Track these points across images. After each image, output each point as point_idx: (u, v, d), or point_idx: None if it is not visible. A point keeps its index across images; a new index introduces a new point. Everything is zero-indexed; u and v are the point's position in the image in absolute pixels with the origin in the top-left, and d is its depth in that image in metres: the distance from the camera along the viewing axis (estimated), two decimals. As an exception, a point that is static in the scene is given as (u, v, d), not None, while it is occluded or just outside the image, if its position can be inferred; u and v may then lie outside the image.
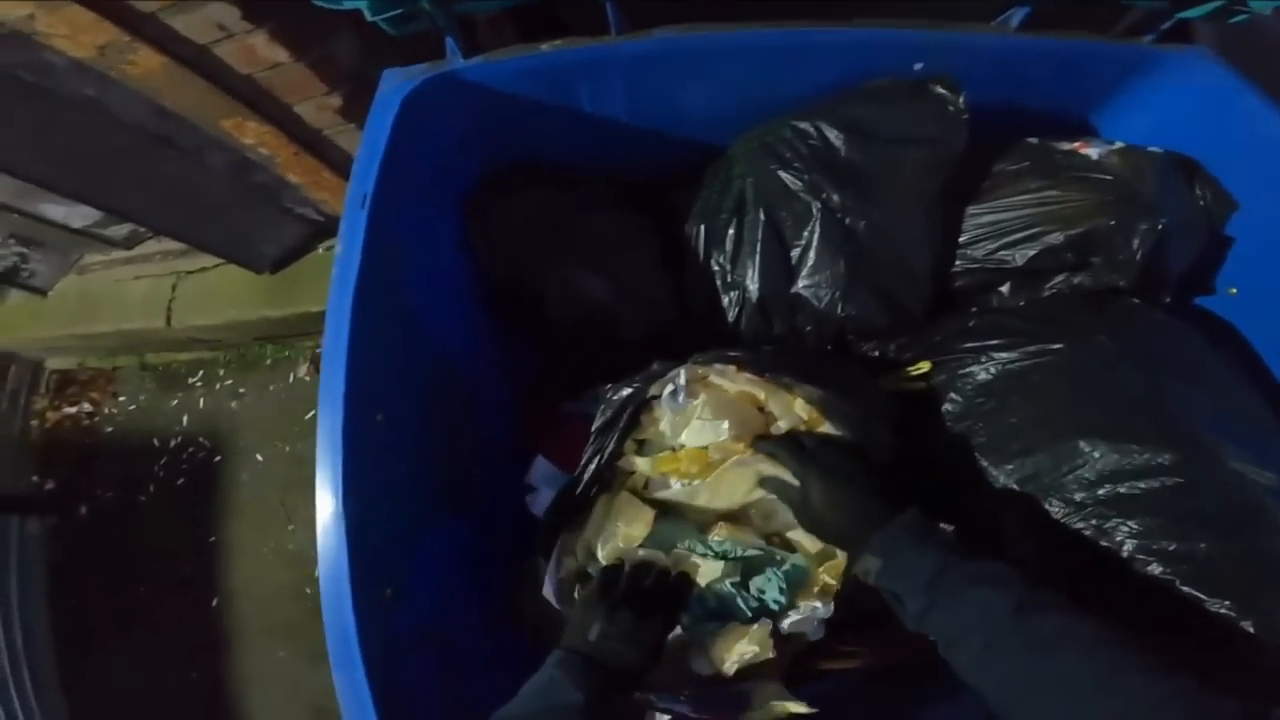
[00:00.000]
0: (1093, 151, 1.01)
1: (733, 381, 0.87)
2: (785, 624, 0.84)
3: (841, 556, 0.82)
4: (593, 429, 0.90)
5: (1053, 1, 0.92)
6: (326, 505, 0.79)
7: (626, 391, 0.89)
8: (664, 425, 0.88)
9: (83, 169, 1.80)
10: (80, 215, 2.24)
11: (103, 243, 2.41)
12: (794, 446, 0.81)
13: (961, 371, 0.99)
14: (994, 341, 0.98)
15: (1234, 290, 1.12)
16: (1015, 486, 0.90)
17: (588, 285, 1.11)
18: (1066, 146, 1.03)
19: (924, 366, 1.03)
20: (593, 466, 0.88)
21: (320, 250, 2.14)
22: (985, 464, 0.93)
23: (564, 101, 1.03)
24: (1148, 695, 0.54)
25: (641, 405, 0.89)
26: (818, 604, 0.84)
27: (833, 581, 0.85)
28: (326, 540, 0.79)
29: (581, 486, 0.89)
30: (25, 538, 2.63)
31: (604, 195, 1.16)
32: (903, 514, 0.73)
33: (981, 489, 0.93)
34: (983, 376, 0.97)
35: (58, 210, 2.21)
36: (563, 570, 0.92)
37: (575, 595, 0.91)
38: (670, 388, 0.87)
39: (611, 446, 0.87)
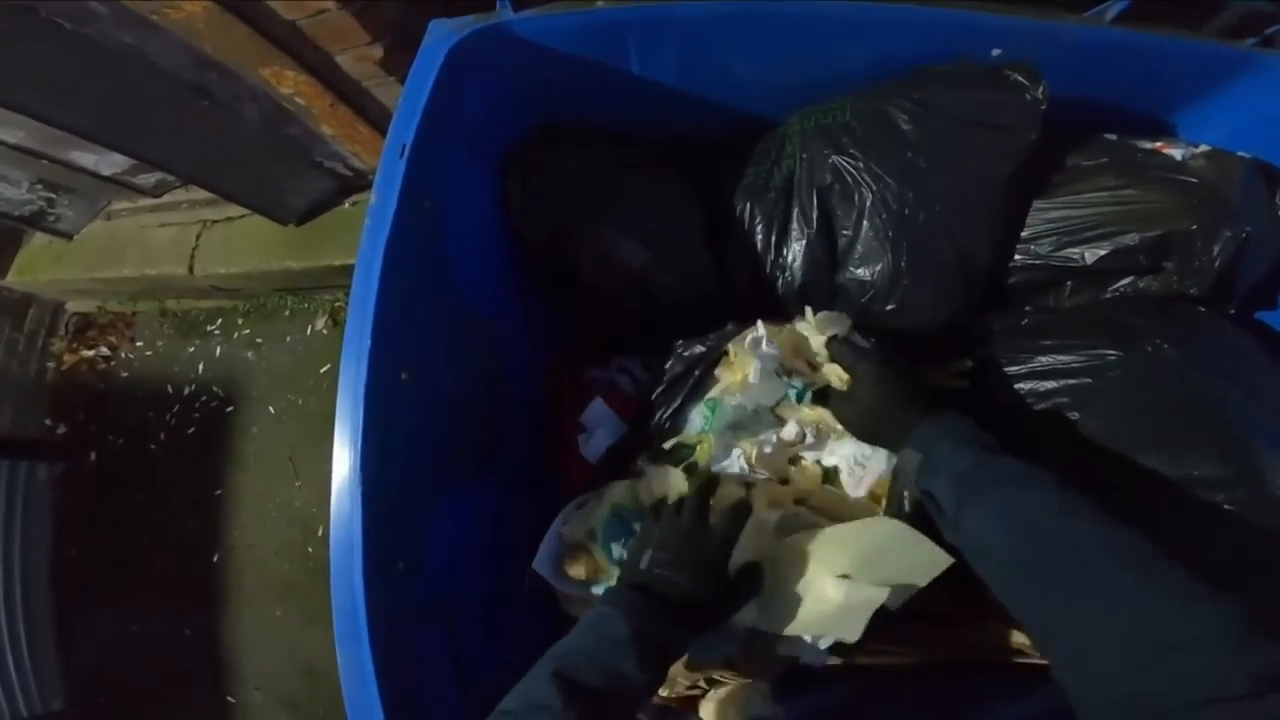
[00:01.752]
0: (1176, 152, 0.94)
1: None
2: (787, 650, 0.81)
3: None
4: (663, 382, 0.95)
5: (1156, -1, 0.85)
6: (343, 469, 0.75)
7: (699, 349, 0.93)
8: (751, 375, 0.87)
9: (117, 118, 1.78)
10: (110, 163, 2.22)
11: (131, 190, 2.40)
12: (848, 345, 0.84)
13: (1010, 370, 0.92)
14: (1048, 342, 0.92)
15: (1302, 306, 1.05)
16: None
17: (627, 252, 1.06)
18: (1148, 145, 0.96)
19: (963, 365, 0.98)
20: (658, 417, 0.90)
21: (347, 205, 2.11)
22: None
23: (614, 61, 0.98)
24: (1188, 602, 0.49)
25: (714, 362, 0.91)
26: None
27: None
28: (340, 508, 0.75)
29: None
30: (33, 484, 2.62)
31: (650, 160, 1.10)
32: (944, 413, 0.73)
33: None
34: (1033, 379, 0.91)
35: (88, 158, 2.19)
36: (561, 542, 0.90)
37: (569, 570, 0.88)
38: (751, 337, 0.89)
39: (678, 403, 0.91)
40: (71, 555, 2.60)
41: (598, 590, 0.88)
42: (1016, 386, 0.91)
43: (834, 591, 0.73)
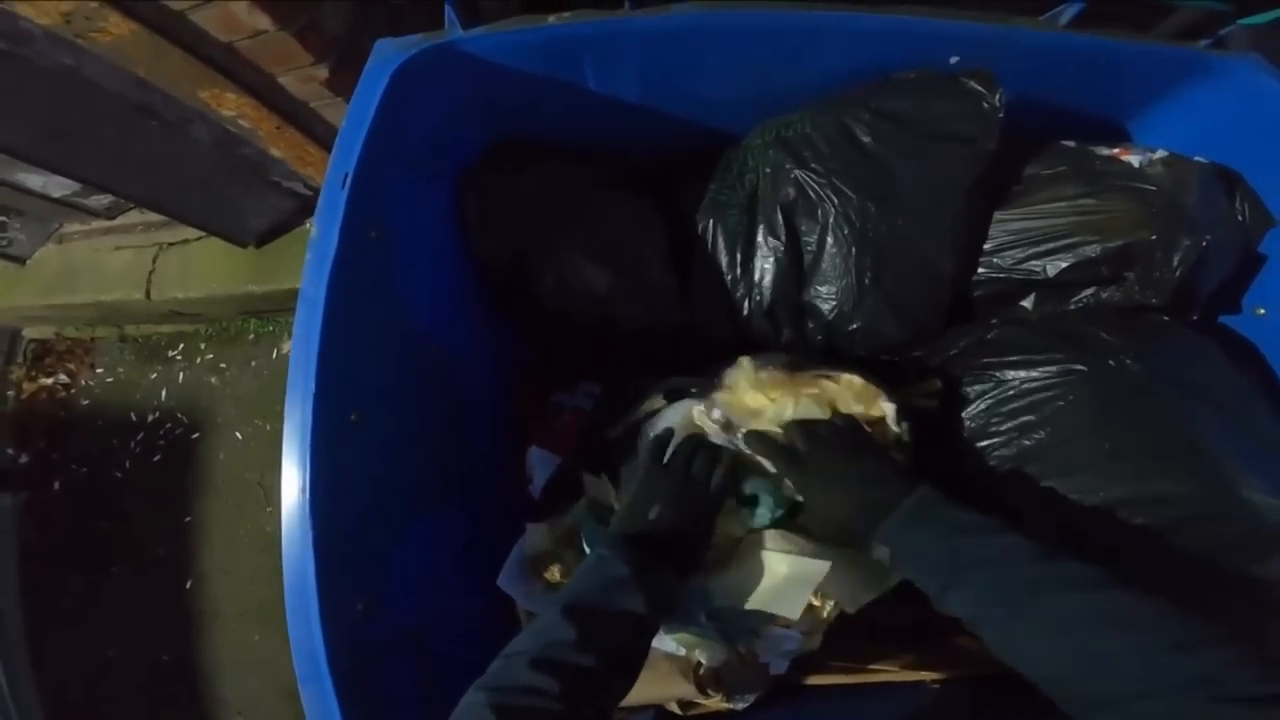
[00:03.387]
0: (1134, 159, 0.92)
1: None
2: (746, 647, 0.81)
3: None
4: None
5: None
6: (291, 516, 0.71)
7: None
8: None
9: (59, 140, 1.68)
10: (59, 184, 2.12)
11: (83, 212, 2.29)
12: (785, 450, 0.78)
13: (977, 388, 0.91)
14: (1014, 358, 0.90)
15: (1262, 311, 1.04)
16: (1032, 513, 0.83)
17: (589, 274, 1.02)
18: (1105, 152, 0.94)
19: (932, 385, 0.95)
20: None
21: (308, 225, 2.02)
22: (999, 490, 0.86)
23: (570, 79, 0.93)
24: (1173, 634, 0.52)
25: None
26: (792, 631, 0.79)
27: (823, 613, 0.80)
28: (291, 554, 0.71)
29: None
30: (-1, 514, 2.52)
31: (610, 179, 1.06)
32: (906, 499, 0.69)
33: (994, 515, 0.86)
34: (1000, 396, 0.89)
35: (36, 179, 2.09)
36: (525, 557, 0.89)
37: (544, 575, 0.88)
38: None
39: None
40: (41, 585, 2.49)
41: None
42: (984, 405, 0.90)
43: (779, 565, 0.76)
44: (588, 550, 0.85)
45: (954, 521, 0.67)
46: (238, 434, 2.34)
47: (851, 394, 0.82)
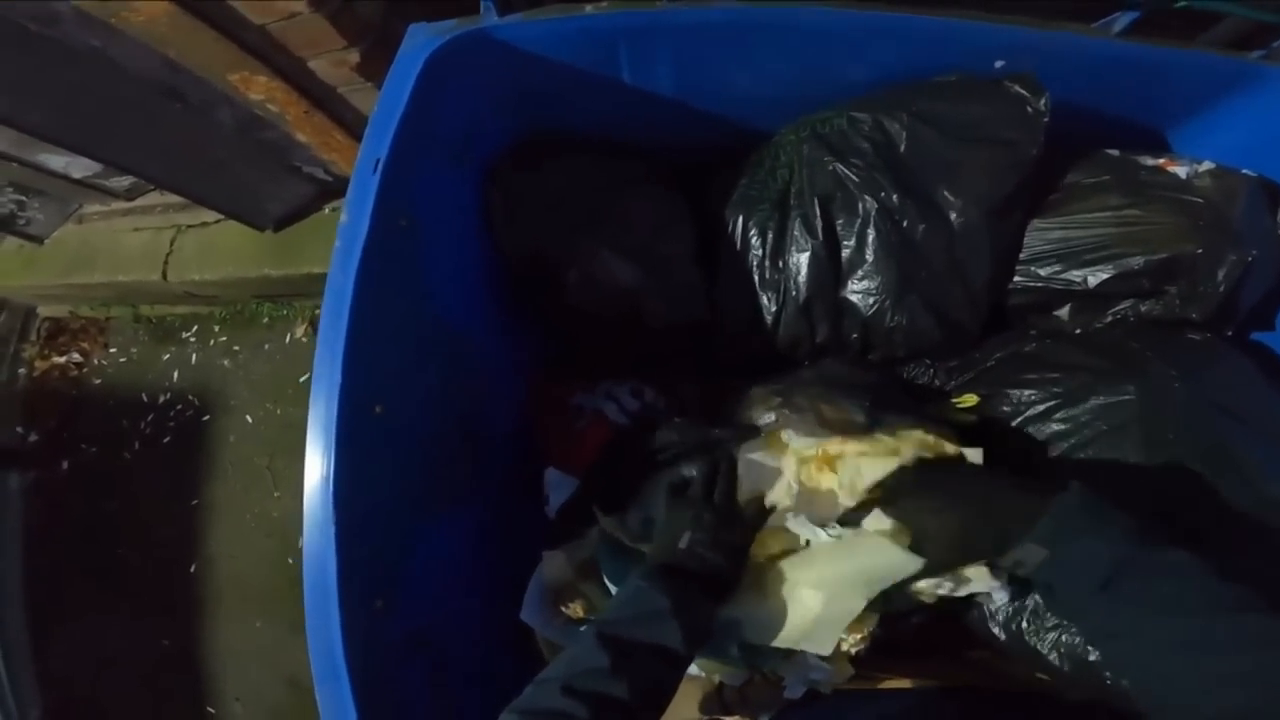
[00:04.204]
0: (1181, 170, 0.90)
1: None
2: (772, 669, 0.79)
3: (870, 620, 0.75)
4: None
5: (1168, 9, 0.81)
6: (315, 509, 0.69)
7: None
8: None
9: (84, 121, 1.69)
10: (81, 166, 2.13)
11: (103, 193, 2.30)
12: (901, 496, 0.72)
13: (1015, 403, 0.88)
14: (1054, 374, 0.87)
15: (1301, 327, 1.01)
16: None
17: (615, 269, 1.00)
18: (1151, 162, 0.92)
19: (970, 400, 0.93)
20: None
21: (327, 211, 2.02)
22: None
23: (603, 70, 0.91)
24: None
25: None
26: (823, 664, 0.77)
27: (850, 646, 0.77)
28: (313, 551, 0.69)
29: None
30: (5, 493, 2.52)
31: (640, 173, 1.04)
32: (1067, 493, 0.62)
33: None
34: (1039, 411, 0.86)
35: (58, 160, 2.10)
36: (545, 586, 0.86)
37: (565, 610, 0.84)
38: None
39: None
40: (45, 565, 2.48)
41: None
42: (1023, 421, 0.87)
43: (812, 602, 0.72)
44: (609, 583, 0.83)
45: (1126, 524, 0.60)
46: (248, 417, 2.32)
47: (921, 447, 0.77)
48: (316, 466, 0.70)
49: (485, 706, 0.64)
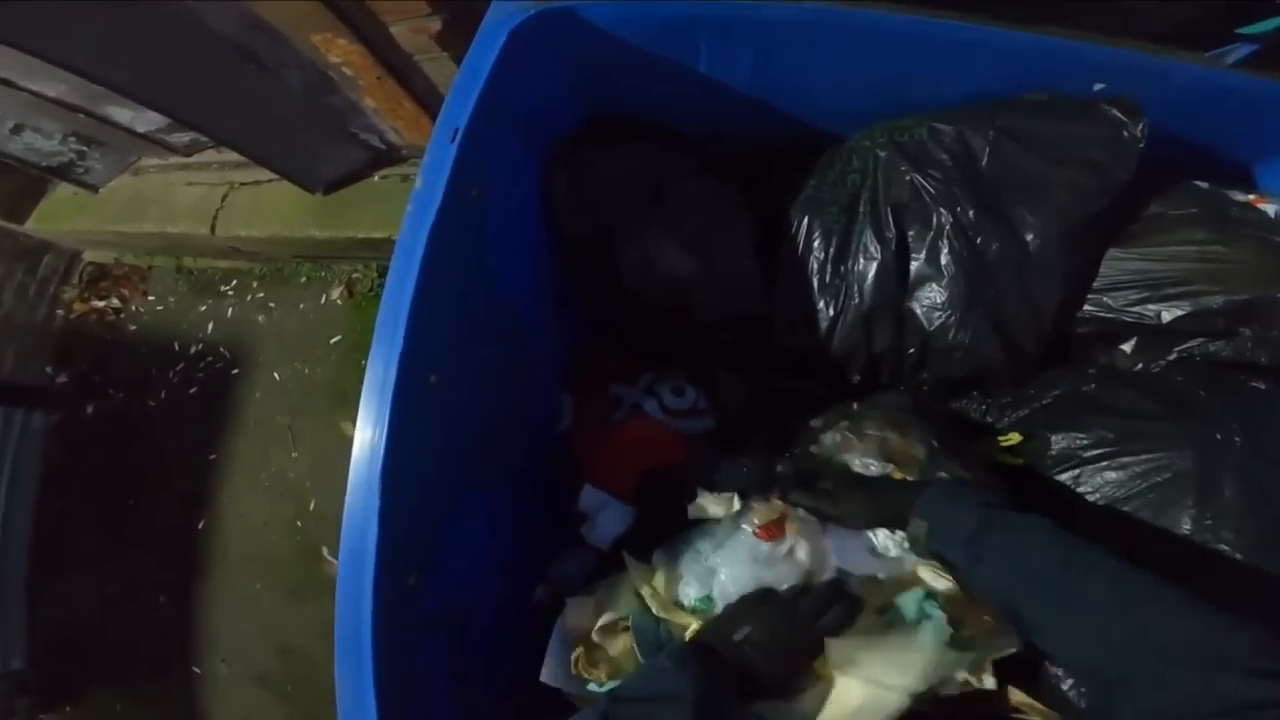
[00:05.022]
0: (1270, 208, 0.87)
1: None
2: None
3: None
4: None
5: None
6: (362, 477, 0.67)
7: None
8: None
9: (161, 78, 1.69)
10: (146, 120, 2.14)
11: (163, 148, 2.31)
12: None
13: (1068, 445, 0.86)
14: (1112, 420, 0.84)
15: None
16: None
17: (672, 257, 0.98)
18: (1240, 198, 0.89)
19: (1014, 438, 0.91)
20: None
21: (376, 178, 2.02)
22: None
23: (683, 57, 0.90)
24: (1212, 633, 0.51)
25: None
26: None
27: None
28: (354, 519, 0.67)
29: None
30: (27, 432, 2.52)
31: (703, 163, 1.02)
32: (938, 482, 0.73)
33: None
34: (1092, 455, 0.84)
35: (124, 114, 2.11)
36: (567, 642, 0.82)
37: (588, 675, 0.79)
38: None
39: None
40: (56, 508, 2.50)
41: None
42: (1074, 464, 0.84)
43: (854, 694, 0.68)
44: (638, 652, 0.78)
45: (986, 499, 0.70)
46: (276, 374, 2.31)
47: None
48: (368, 432, 0.67)
49: (498, 684, 0.62)
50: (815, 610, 0.71)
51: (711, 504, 0.82)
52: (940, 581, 0.74)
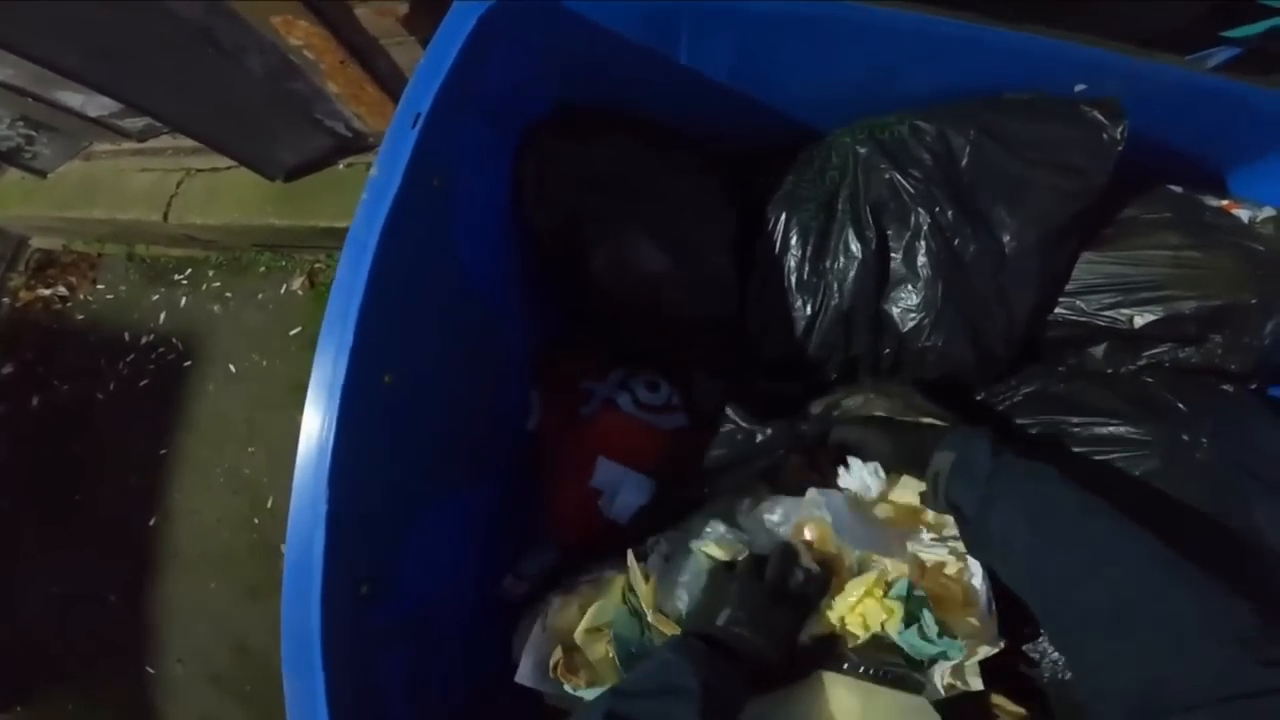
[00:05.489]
0: (1244, 214, 0.86)
1: None
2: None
3: None
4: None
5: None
6: (307, 483, 0.62)
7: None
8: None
9: (112, 61, 1.62)
10: (97, 104, 2.05)
11: (116, 133, 2.22)
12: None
13: (1037, 445, 0.85)
14: (1079, 419, 0.84)
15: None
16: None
17: (644, 253, 0.95)
18: (1214, 203, 0.88)
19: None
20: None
21: (341, 166, 1.94)
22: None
23: (661, 47, 0.86)
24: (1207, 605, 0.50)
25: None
26: None
27: None
28: (299, 529, 0.62)
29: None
30: (-32, 426, 2.40)
31: (680, 158, 0.99)
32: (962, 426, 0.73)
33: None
34: (1059, 458, 0.81)
35: (75, 98, 2.03)
36: (546, 642, 0.79)
37: (565, 680, 0.77)
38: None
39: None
40: (1, 504, 2.38)
41: (593, 694, 0.76)
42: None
43: (853, 697, 0.67)
44: (617, 661, 0.76)
45: (1012, 448, 0.68)
46: (231, 366, 2.22)
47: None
48: (313, 435, 0.62)
49: (467, 693, 0.59)
50: (782, 573, 0.71)
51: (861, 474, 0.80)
52: (930, 551, 0.73)
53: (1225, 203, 0.88)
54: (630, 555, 0.79)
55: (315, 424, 0.64)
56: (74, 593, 2.21)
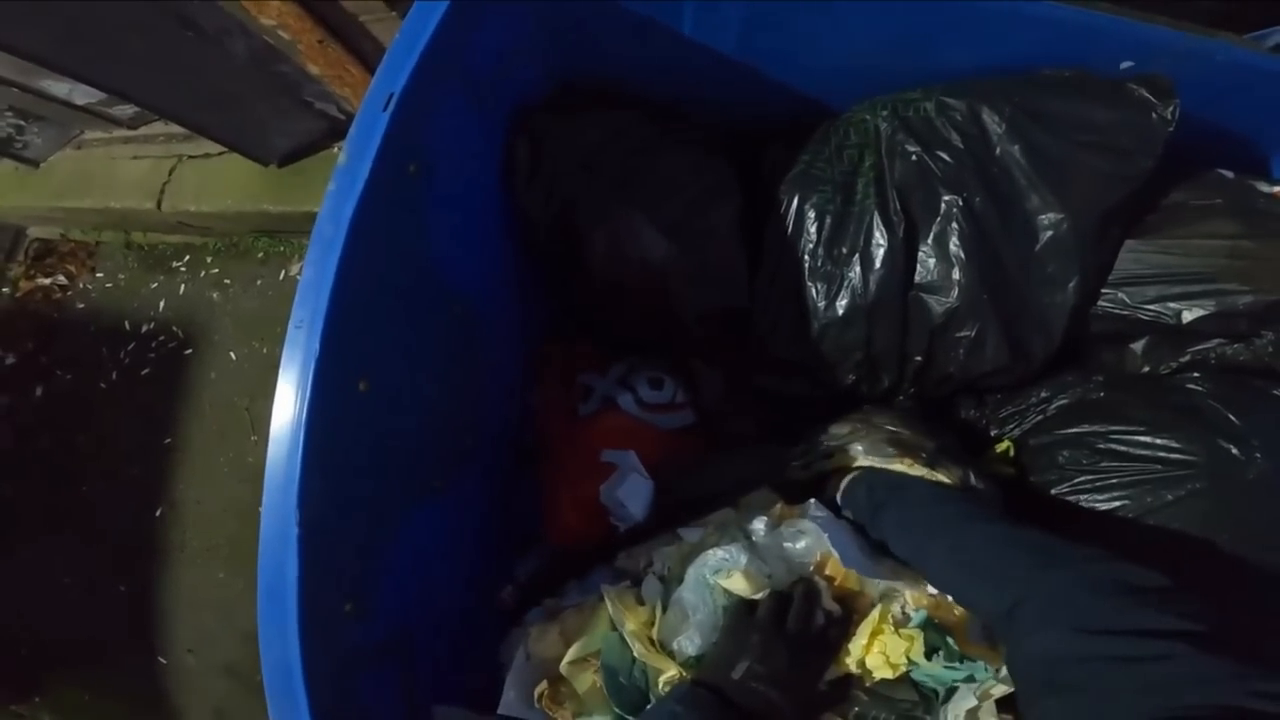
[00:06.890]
0: (1298, 200, 0.78)
1: None
2: None
3: None
4: None
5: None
6: (275, 509, 0.55)
7: None
8: None
9: (89, 47, 1.52)
10: (84, 93, 1.95)
11: (106, 121, 2.13)
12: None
13: (1070, 457, 0.78)
14: (1119, 429, 0.76)
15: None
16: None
17: (645, 240, 0.86)
18: (1267, 189, 0.79)
19: (1003, 446, 0.83)
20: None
21: (336, 149, 1.85)
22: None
23: (663, 18, 0.77)
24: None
25: None
26: None
27: None
28: (270, 551, 0.55)
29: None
30: (-29, 417, 2.32)
31: (685, 137, 0.89)
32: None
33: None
34: (1099, 474, 0.76)
35: (61, 87, 1.93)
36: (531, 669, 0.72)
37: (544, 707, 0.70)
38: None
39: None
40: (6, 495, 2.32)
41: None
42: (1077, 478, 0.76)
43: None
44: (604, 677, 0.69)
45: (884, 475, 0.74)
46: (232, 354, 2.15)
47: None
48: (281, 453, 0.55)
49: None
50: (804, 617, 0.64)
51: None
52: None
53: (1277, 189, 0.79)
54: (609, 596, 0.71)
55: (282, 441, 0.57)
56: (83, 583, 2.17)
